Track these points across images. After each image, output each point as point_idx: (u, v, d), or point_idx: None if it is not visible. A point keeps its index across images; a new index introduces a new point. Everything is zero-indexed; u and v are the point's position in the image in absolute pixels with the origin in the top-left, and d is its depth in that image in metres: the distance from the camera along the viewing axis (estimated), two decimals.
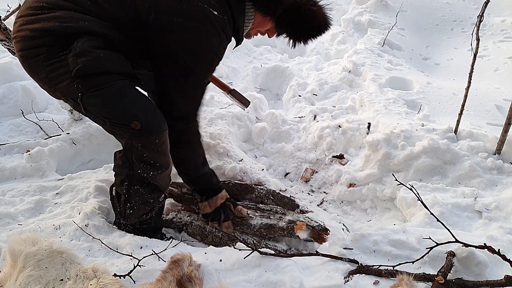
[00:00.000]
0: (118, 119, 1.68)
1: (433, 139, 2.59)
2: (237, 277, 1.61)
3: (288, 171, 3.04)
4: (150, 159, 1.76)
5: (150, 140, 1.72)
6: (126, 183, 1.82)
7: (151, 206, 1.92)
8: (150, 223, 2.00)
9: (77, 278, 1.33)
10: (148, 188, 1.84)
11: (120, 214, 1.93)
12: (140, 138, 1.70)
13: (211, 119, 3.16)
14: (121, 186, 1.85)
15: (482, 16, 2.51)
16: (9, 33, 2.21)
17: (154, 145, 1.74)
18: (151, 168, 1.79)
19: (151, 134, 1.71)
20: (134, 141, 1.72)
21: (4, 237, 1.82)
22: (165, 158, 1.83)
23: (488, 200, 2.22)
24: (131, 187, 1.81)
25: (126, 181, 1.82)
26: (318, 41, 5.50)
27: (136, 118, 1.66)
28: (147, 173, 1.80)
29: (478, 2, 5.66)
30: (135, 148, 1.73)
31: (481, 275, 1.62)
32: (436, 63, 4.70)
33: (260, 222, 2.20)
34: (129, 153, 1.76)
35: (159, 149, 1.76)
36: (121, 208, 1.89)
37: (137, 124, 1.65)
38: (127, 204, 1.85)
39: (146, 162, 1.77)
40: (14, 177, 2.40)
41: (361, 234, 1.82)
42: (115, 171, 1.89)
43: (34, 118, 2.87)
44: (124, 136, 1.74)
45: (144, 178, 1.80)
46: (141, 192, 1.83)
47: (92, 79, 1.60)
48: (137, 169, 1.78)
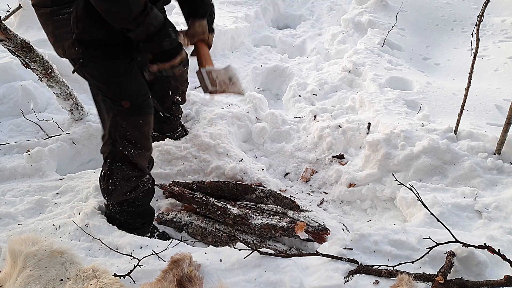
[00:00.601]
0: (111, 94, 1.79)
1: (433, 139, 2.59)
2: (237, 277, 1.61)
3: (288, 171, 3.04)
4: (132, 138, 1.87)
5: (135, 119, 1.84)
6: (109, 160, 1.91)
7: (134, 184, 1.98)
8: (137, 206, 2.04)
9: (77, 278, 1.33)
10: (129, 166, 1.92)
11: (104, 192, 2.00)
12: (126, 116, 1.82)
13: (211, 119, 3.16)
14: (104, 165, 1.95)
15: (482, 16, 2.51)
16: (9, 33, 2.22)
17: (138, 125, 1.86)
18: (133, 146, 1.89)
19: (137, 114, 1.84)
20: (120, 118, 1.83)
21: (4, 237, 1.82)
22: (146, 141, 1.96)
23: (488, 200, 2.22)
24: (113, 163, 1.91)
25: (109, 158, 1.91)
26: (318, 41, 5.50)
27: (127, 97, 1.79)
28: (128, 151, 1.88)
29: (478, 2, 5.65)
30: (120, 126, 1.84)
31: (481, 275, 1.62)
32: (436, 63, 4.70)
33: (261, 222, 2.20)
34: (113, 130, 1.86)
35: (141, 130, 1.89)
36: (104, 185, 1.97)
37: (127, 103, 1.79)
38: (109, 180, 1.93)
39: (128, 139, 1.87)
40: (14, 177, 2.40)
41: (361, 234, 1.82)
42: (101, 151, 1.98)
43: (34, 118, 2.87)
44: (110, 112, 1.83)
45: (125, 156, 1.89)
46: (122, 168, 1.91)
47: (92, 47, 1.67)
48: (119, 146, 1.87)
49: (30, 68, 2.46)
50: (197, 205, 2.34)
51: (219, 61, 4.54)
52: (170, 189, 2.40)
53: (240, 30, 5.14)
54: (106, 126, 1.91)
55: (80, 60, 1.71)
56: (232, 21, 5.28)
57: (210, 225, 2.28)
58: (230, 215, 2.25)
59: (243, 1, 6.35)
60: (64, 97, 2.70)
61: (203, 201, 2.34)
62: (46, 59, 2.49)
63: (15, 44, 2.27)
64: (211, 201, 2.34)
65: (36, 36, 3.65)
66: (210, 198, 2.38)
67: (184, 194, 2.37)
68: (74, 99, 2.80)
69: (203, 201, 2.34)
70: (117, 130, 1.86)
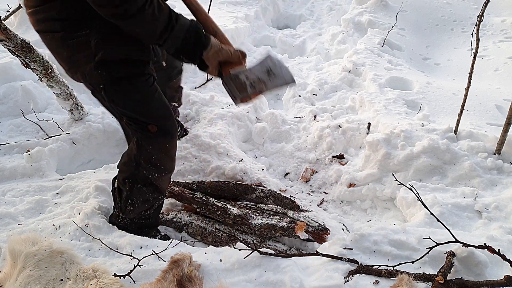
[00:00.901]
0: (137, 119, 1.71)
1: (433, 139, 2.59)
2: (237, 277, 1.61)
3: (288, 171, 3.04)
4: (157, 161, 1.80)
5: (161, 143, 1.77)
6: (130, 181, 1.84)
7: (151, 204, 1.95)
8: (147, 219, 2.03)
9: (77, 278, 1.33)
10: (150, 188, 1.87)
11: (120, 209, 1.96)
12: (152, 140, 1.75)
13: (211, 119, 3.16)
14: (123, 183, 1.87)
15: (482, 16, 2.51)
16: (9, 33, 2.21)
17: (164, 149, 1.79)
18: (156, 170, 1.83)
19: (164, 137, 1.76)
20: (145, 142, 1.75)
21: (4, 237, 1.82)
22: (171, 163, 1.90)
23: (488, 200, 2.22)
24: (134, 185, 1.84)
25: (130, 179, 1.84)
26: (318, 41, 5.50)
27: (154, 121, 1.71)
28: (152, 174, 1.83)
29: (478, 2, 5.65)
30: (145, 150, 1.77)
31: (481, 275, 1.62)
32: (436, 63, 4.70)
33: (261, 222, 2.20)
34: (138, 153, 1.79)
35: (167, 153, 1.82)
36: (122, 204, 1.92)
37: (154, 127, 1.71)
38: (128, 201, 1.88)
39: (152, 164, 1.80)
40: (14, 177, 2.40)
41: (361, 234, 1.82)
42: (119, 167, 1.92)
43: (34, 118, 2.87)
44: (134, 136, 1.77)
45: (147, 179, 1.83)
46: (143, 191, 1.86)
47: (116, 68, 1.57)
48: (143, 170, 1.81)
49: (30, 68, 2.46)
50: (197, 205, 2.34)
51: None
52: (170, 189, 2.40)
53: (240, 30, 5.14)
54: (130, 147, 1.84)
55: (101, 86, 1.61)
56: (232, 21, 5.27)
57: (210, 225, 2.27)
58: (230, 215, 2.25)
59: (243, 1, 6.35)
60: (64, 97, 2.70)
61: (203, 201, 2.34)
62: (46, 59, 2.49)
63: (15, 44, 2.27)
64: (211, 201, 2.34)
65: (36, 36, 3.62)
66: (210, 198, 2.38)
67: (184, 194, 2.37)
68: (74, 99, 2.80)
69: (203, 201, 2.34)
70: (141, 154, 1.78)
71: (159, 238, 2.13)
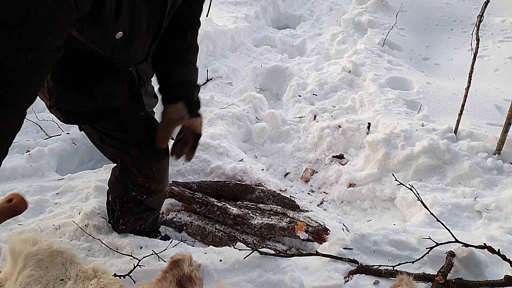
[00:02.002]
0: (119, 143, 1.60)
1: (433, 139, 2.59)
2: (237, 277, 1.61)
3: (288, 171, 3.04)
4: (145, 183, 1.70)
5: (146, 166, 1.66)
6: (119, 201, 1.77)
7: (144, 220, 1.88)
8: (144, 229, 1.97)
9: (77, 278, 1.33)
10: (141, 207, 1.79)
11: (113, 227, 1.91)
12: (136, 163, 1.65)
13: (211, 119, 3.17)
14: (114, 203, 1.80)
15: (482, 16, 2.52)
16: None
17: (150, 171, 1.67)
18: (146, 191, 1.73)
19: (148, 162, 1.64)
20: (130, 165, 1.66)
21: (4, 237, 1.82)
22: (160, 184, 1.77)
23: (488, 200, 2.22)
24: (125, 205, 1.76)
25: (120, 199, 1.76)
26: (318, 41, 5.50)
27: (137, 146, 1.59)
28: (141, 195, 1.74)
29: (478, 2, 5.65)
30: (131, 172, 1.67)
31: (481, 275, 1.62)
32: (436, 63, 4.70)
33: (261, 222, 2.20)
34: (124, 175, 1.69)
35: (154, 176, 1.70)
36: (114, 221, 1.86)
37: (136, 151, 1.59)
38: (119, 220, 1.81)
39: (140, 185, 1.70)
40: (14, 177, 2.40)
41: (361, 234, 1.82)
42: (109, 186, 1.83)
43: (34, 118, 2.87)
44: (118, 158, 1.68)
45: (137, 199, 1.75)
46: (134, 210, 1.78)
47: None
48: (131, 191, 1.72)
49: None
50: (197, 205, 2.34)
51: (219, 61, 4.54)
52: (170, 189, 2.40)
53: (240, 30, 5.15)
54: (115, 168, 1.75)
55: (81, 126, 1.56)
56: (232, 21, 5.28)
57: (210, 225, 2.27)
58: (230, 215, 2.25)
59: (243, 1, 6.35)
60: None
61: (203, 201, 2.34)
62: None
63: None
64: (211, 201, 2.34)
65: None
66: (210, 198, 2.38)
67: (184, 194, 2.37)
68: None
69: (203, 201, 2.34)
70: (128, 176, 1.67)
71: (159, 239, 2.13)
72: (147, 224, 1.94)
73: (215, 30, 4.58)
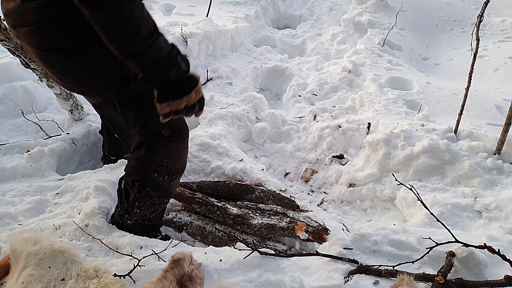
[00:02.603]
0: (151, 126, 1.68)
1: (433, 139, 2.59)
2: (237, 277, 1.61)
3: (288, 171, 3.04)
4: (169, 164, 1.78)
5: (174, 146, 1.75)
6: (139, 184, 1.82)
7: (157, 207, 1.95)
8: (151, 220, 2.02)
9: (78, 277, 1.33)
10: (158, 191, 1.85)
11: (126, 211, 1.94)
12: (165, 144, 1.73)
13: (211, 119, 3.17)
14: (132, 186, 1.85)
15: (482, 16, 2.52)
16: (9, 33, 2.21)
17: (176, 151, 1.78)
18: (167, 173, 1.81)
19: (177, 140, 1.75)
20: (158, 146, 1.73)
21: (4, 237, 1.82)
22: (182, 164, 1.88)
23: (488, 200, 2.22)
24: (143, 188, 1.82)
25: (140, 182, 1.82)
26: (318, 41, 5.50)
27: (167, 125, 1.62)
28: (162, 177, 1.81)
29: (478, 2, 5.66)
30: (157, 153, 1.74)
31: (481, 275, 1.62)
32: (436, 63, 4.70)
33: (261, 222, 2.20)
34: (150, 158, 1.75)
35: (179, 155, 1.81)
36: (129, 205, 1.91)
37: (167, 131, 1.69)
38: (135, 203, 1.87)
39: (164, 167, 1.78)
40: (14, 177, 2.40)
41: (361, 234, 1.82)
42: (127, 171, 1.88)
43: (34, 118, 2.87)
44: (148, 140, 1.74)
45: (157, 182, 1.82)
46: (151, 194, 1.84)
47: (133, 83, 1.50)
48: (154, 173, 1.78)
49: (30, 68, 2.46)
50: (197, 205, 2.35)
51: (219, 61, 4.54)
52: None
53: (240, 30, 5.15)
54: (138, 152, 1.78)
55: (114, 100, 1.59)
56: (232, 21, 5.28)
57: (210, 225, 2.28)
58: (230, 215, 2.25)
59: (243, 1, 6.35)
60: (64, 97, 2.70)
61: (203, 201, 2.34)
62: None
63: (15, 44, 2.27)
64: (211, 201, 2.34)
65: None
66: (210, 198, 2.38)
67: (184, 194, 2.37)
68: (74, 99, 2.80)
69: (203, 201, 2.34)
70: (153, 158, 1.74)
71: (159, 239, 2.13)
72: (157, 213, 1.99)
73: (215, 30, 4.59)
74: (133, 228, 1.97)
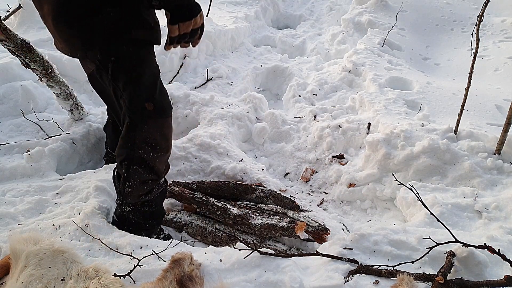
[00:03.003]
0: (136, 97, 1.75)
1: (433, 139, 2.59)
2: (237, 277, 1.61)
3: (288, 171, 3.04)
4: (152, 141, 1.84)
5: (156, 122, 1.81)
6: (126, 163, 1.87)
7: (150, 187, 1.96)
8: (151, 205, 2.03)
9: (78, 277, 1.33)
10: (146, 169, 1.89)
11: (119, 193, 1.98)
12: (147, 119, 1.79)
13: (211, 119, 3.17)
14: (120, 167, 1.91)
15: (482, 16, 2.52)
16: (9, 33, 2.21)
17: (159, 127, 1.83)
18: (152, 150, 1.86)
19: (160, 116, 1.81)
20: (140, 121, 1.79)
21: (5, 237, 1.82)
22: (166, 142, 1.92)
23: (488, 200, 2.22)
24: (130, 166, 1.87)
25: (126, 160, 1.87)
26: (318, 41, 5.50)
27: (152, 99, 1.75)
28: (147, 154, 1.85)
29: (478, 2, 5.66)
30: (139, 129, 1.80)
31: (481, 275, 1.62)
32: (436, 63, 4.70)
33: (261, 222, 2.20)
34: (133, 134, 1.82)
35: (162, 132, 1.86)
36: (120, 187, 1.95)
37: (150, 105, 1.76)
38: (125, 183, 1.91)
39: (147, 143, 1.83)
40: (14, 177, 2.40)
41: (361, 234, 1.82)
42: (116, 152, 1.95)
43: (34, 118, 2.87)
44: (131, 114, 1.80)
45: (143, 159, 1.86)
46: (139, 171, 1.88)
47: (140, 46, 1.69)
48: (138, 149, 1.84)
49: (30, 68, 2.46)
50: (197, 205, 2.35)
51: (219, 61, 4.54)
52: (170, 189, 2.40)
53: (240, 30, 5.15)
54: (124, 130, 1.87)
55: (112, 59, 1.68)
56: (232, 21, 5.28)
57: (210, 225, 2.28)
58: (230, 215, 2.25)
59: (243, 1, 6.35)
60: (64, 97, 2.70)
61: (203, 201, 2.34)
62: (46, 59, 2.49)
63: (15, 44, 2.27)
64: (211, 201, 2.35)
65: (36, 36, 3.65)
66: (210, 198, 2.38)
67: (184, 194, 2.37)
68: (74, 99, 2.80)
69: (203, 201, 2.34)
70: (136, 134, 1.81)
71: (162, 238, 2.13)
72: (153, 196, 2.00)
73: (215, 30, 4.59)
74: (134, 218, 1.98)
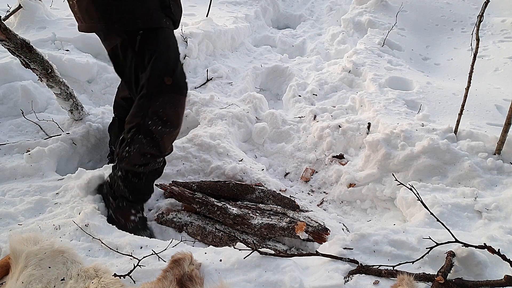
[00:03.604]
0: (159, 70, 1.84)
1: (433, 139, 2.59)
2: (237, 277, 1.61)
3: (288, 171, 3.04)
4: (164, 115, 1.89)
5: (171, 97, 1.88)
6: (134, 130, 1.93)
7: (146, 160, 2.01)
8: (141, 178, 2.07)
9: (78, 277, 1.33)
10: (150, 142, 1.94)
11: (116, 155, 2.04)
12: (164, 94, 1.86)
13: (211, 119, 3.17)
14: (127, 132, 1.96)
15: (482, 16, 2.51)
16: (9, 33, 2.21)
17: (173, 103, 1.89)
18: (162, 123, 1.91)
19: (175, 92, 1.89)
20: (157, 94, 1.86)
21: (5, 237, 1.82)
22: (177, 120, 1.98)
23: (488, 200, 2.22)
24: (136, 134, 1.92)
25: (134, 128, 1.93)
26: (318, 41, 5.50)
27: (172, 74, 1.84)
28: (156, 126, 1.91)
29: (478, 2, 5.66)
30: (155, 101, 1.86)
31: (481, 275, 1.62)
32: (436, 63, 4.70)
33: (261, 222, 2.20)
34: (147, 104, 1.88)
35: (175, 109, 1.92)
36: (120, 149, 2.00)
37: (169, 79, 1.84)
38: (126, 147, 1.96)
39: (159, 116, 1.89)
40: (14, 177, 2.40)
41: (361, 234, 1.82)
42: (127, 120, 2.00)
43: (34, 118, 2.87)
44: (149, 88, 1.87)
45: (150, 131, 1.91)
46: (142, 142, 1.93)
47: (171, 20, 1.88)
48: (148, 120, 1.89)
49: (30, 68, 2.46)
50: (197, 205, 2.34)
51: (219, 61, 4.54)
52: (170, 189, 2.40)
53: (240, 30, 5.15)
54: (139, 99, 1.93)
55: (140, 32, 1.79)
56: (232, 21, 5.28)
57: (210, 225, 2.28)
58: (230, 215, 2.25)
59: (243, 1, 6.36)
60: (64, 97, 2.70)
61: (203, 201, 2.34)
62: (46, 59, 2.49)
63: (15, 44, 2.27)
64: (211, 201, 2.34)
65: (36, 36, 3.65)
66: (210, 198, 2.38)
67: (184, 194, 2.37)
68: (74, 99, 2.80)
69: (203, 201, 2.34)
70: (151, 104, 1.87)
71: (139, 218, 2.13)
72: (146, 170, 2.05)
73: (215, 30, 4.59)
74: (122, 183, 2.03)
